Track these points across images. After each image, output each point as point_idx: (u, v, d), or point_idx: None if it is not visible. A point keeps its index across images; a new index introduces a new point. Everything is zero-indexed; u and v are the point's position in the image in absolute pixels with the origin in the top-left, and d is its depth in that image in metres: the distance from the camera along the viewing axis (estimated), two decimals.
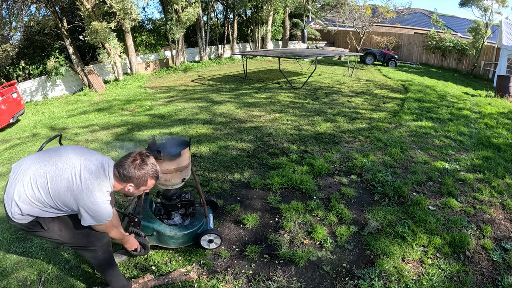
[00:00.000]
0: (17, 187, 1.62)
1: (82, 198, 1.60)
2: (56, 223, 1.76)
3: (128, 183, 1.71)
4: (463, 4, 15.05)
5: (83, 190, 1.60)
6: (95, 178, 1.64)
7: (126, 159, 1.70)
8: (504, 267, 2.30)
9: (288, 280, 2.16)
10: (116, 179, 1.71)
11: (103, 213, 1.65)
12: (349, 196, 3.17)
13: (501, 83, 8.83)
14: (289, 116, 5.89)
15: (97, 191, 1.62)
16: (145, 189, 1.79)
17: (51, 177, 1.61)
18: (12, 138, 5.95)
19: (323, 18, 20.81)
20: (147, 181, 1.74)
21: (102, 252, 1.91)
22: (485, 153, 4.27)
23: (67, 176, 1.61)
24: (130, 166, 1.67)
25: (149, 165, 1.72)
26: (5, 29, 10.10)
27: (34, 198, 1.61)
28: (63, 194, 1.61)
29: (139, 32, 14.48)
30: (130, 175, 1.68)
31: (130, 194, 1.79)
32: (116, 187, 1.74)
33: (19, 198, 1.61)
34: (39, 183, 1.61)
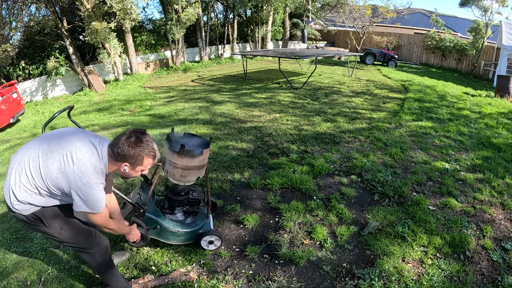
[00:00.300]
0: (12, 175, 1.59)
1: (75, 180, 1.53)
2: (57, 221, 1.73)
3: (123, 163, 1.62)
4: (463, 4, 15.05)
5: (75, 172, 1.53)
6: (88, 159, 1.56)
7: (120, 137, 1.61)
8: (504, 267, 2.30)
9: (288, 280, 2.16)
10: (111, 158, 1.63)
11: (95, 197, 1.57)
12: (349, 196, 3.17)
13: (501, 83, 8.83)
14: (289, 116, 5.89)
15: (90, 173, 1.54)
16: (142, 169, 1.69)
17: (43, 160, 1.56)
18: (12, 138, 5.95)
19: (323, 18, 20.82)
20: (143, 160, 1.64)
21: (100, 256, 1.88)
22: (485, 153, 4.27)
23: (59, 158, 1.55)
24: (124, 144, 1.58)
25: (144, 142, 1.62)
26: (5, 29, 10.10)
27: (29, 183, 1.57)
28: (55, 176, 1.54)
29: (139, 32, 14.47)
30: (124, 154, 1.58)
31: (127, 175, 1.70)
32: (111, 168, 1.66)
33: (15, 185, 1.58)
34: (32, 168, 1.56)
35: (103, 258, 1.90)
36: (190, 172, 2.14)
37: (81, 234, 1.82)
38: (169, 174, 2.20)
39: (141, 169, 1.68)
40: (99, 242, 1.87)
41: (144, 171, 1.72)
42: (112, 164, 1.64)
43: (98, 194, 1.57)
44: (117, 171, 1.68)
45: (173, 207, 2.43)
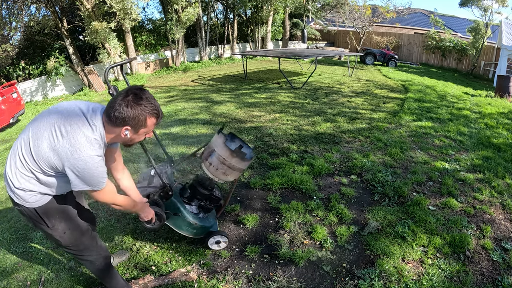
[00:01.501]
0: (7, 163, 1.51)
1: (66, 156, 1.36)
2: (61, 223, 1.64)
3: (123, 127, 1.42)
4: (463, 4, 15.06)
5: (65, 147, 1.36)
6: (78, 130, 1.39)
7: (115, 99, 1.41)
8: (504, 267, 2.30)
9: (288, 280, 2.16)
10: (108, 125, 1.44)
11: (92, 172, 1.39)
12: (349, 196, 3.17)
13: (501, 83, 8.83)
14: (289, 116, 5.89)
15: (82, 146, 1.36)
16: (146, 131, 1.51)
17: (33, 140, 1.42)
18: (12, 138, 5.95)
19: (323, 18, 20.82)
20: (146, 121, 1.44)
21: (99, 264, 1.82)
22: (485, 153, 4.27)
23: (47, 135, 1.39)
24: (122, 105, 1.38)
25: (144, 100, 1.41)
26: (5, 29, 10.10)
27: (23, 168, 1.45)
28: (46, 155, 1.39)
29: (139, 32, 14.48)
30: (123, 116, 1.39)
31: (129, 141, 1.52)
32: (109, 136, 1.48)
33: (11, 173, 1.48)
34: (24, 150, 1.44)
35: (103, 265, 1.84)
36: (232, 172, 2.13)
37: (84, 242, 1.73)
38: (210, 166, 2.13)
39: (144, 131, 1.49)
40: (100, 251, 1.81)
41: (148, 134, 1.55)
42: (110, 132, 1.46)
43: (95, 169, 1.39)
44: (117, 138, 1.50)
45: (192, 198, 2.34)
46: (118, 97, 1.41)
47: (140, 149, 4.06)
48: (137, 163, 3.95)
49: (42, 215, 1.57)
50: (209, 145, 2.19)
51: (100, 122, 1.45)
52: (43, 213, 1.57)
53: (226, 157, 2.07)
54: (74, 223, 1.69)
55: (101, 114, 1.46)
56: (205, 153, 2.19)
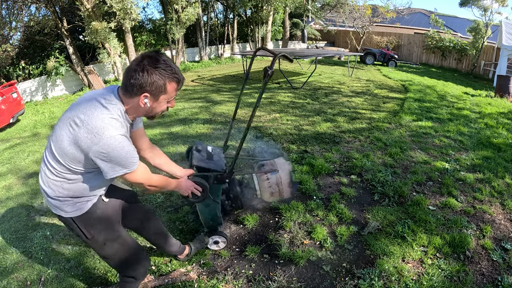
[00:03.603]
0: (40, 175, 1.47)
1: (87, 146, 1.27)
2: (101, 235, 1.55)
3: (141, 95, 1.32)
4: (463, 4, 15.06)
5: (84, 136, 1.27)
6: (92, 114, 1.29)
7: (130, 66, 1.32)
8: (504, 267, 2.30)
9: (288, 280, 2.16)
10: (126, 97, 1.35)
11: (119, 153, 1.29)
12: (349, 196, 3.17)
13: (501, 83, 8.83)
14: (289, 116, 5.89)
15: (100, 129, 1.26)
16: (167, 98, 1.39)
17: (54, 144, 1.35)
18: (12, 138, 5.95)
19: (323, 18, 20.83)
20: (166, 86, 1.33)
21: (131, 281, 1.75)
22: (485, 153, 4.27)
23: (65, 132, 1.32)
24: (137, 71, 1.28)
25: (161, 63, 1.30)
26: (5, 29, 10.10)
27: (53, 175, 1.39)
28: (70, 152, 1.31)
29: (139, 32, 14.49)
30: (140, 82, 1.29)
31: (150, 111, 1.40)
32: (130, 111, 1.38)
33: (44, 183, 1.43)
34: (49, 157, 1.38)
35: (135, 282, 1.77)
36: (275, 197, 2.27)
37: (126, 255, 1.65)
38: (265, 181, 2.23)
39: (165, 98, 1.37)
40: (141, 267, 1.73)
41: (170, 103, 1.43)
42: (129, 104, 1.36)
43: (120, 149, 1.29)
44: (137, 111, 1.39)
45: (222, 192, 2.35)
46: (132, 63, 1.31)
47: None
48: None
49: (79, 225, 1.49)
50: (273, 163, 2.29)
51: (117, 100, 1.35)
52: (81, 223, 1.49)
53: (285, 183, 2.21)
54: (114, 234, 1.60)
55: (116, 92, 1.37)
56: (266, 167, 2.26)
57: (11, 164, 4.37)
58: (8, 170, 4.13)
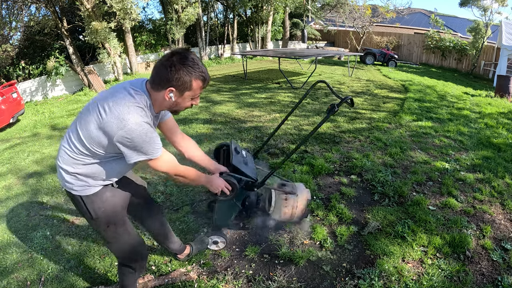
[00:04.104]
0: (58, 153, 1.52)
1: (112, 131, 1.33)
2: (107, 217, 1.59)
3: (167, 89, 1.38)
4: (463, 4, 15.06)
5: (110, 121, 1.33)
6: (121, 103, 1.35)
7: (159, 61, 1.39)
8: (504, 267, 2.30)
9: (288, 280, 2.16)
10: (152, 90, 1.42)
11: (143, 138, 1.35)
12: (349, 196, 3.17)
13: (501, 83, 8.83)
14: (289, 116, 5.89)
15: (126, 115, 1.32)
16: (192, 95, 1.44)
17: (81, 127, 1.42)
18: (12, 138, 5.95)
19: (323, 18, 20.83)
20: (192, 83, 1.38)
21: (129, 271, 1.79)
22: (485, 153, 4.27)
23: (93, 118, 1.38)
24: (166, 65, 1.35)
25: (190, 60, 1.35)
26: (5, 29, 10.11)
27: (74, 153, 1.45)
28: (96, 135, 1.37)
29: (139, 32, 14.49)
30: (167, 76, 1.35)
31: (174, 105, 1.46)
32: (155, 103, 1.44)
33: (62, 161, 1.49)
34: (74, 138, 1.45)
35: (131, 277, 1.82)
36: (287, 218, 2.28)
37: (127, 243, 1.70)
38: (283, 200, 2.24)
39: (190, 95, 1.43)
40: (140, 259, 1.78)
41: (194, 100, 1.48)
42: (155, 97, 1.42)
43: (144, 135, 1.35)
44: (162, 104, 1.45)
45: None
46: (162, 60, 1.38)
47: None
48: None
49: (87, 204, 1.54)
50: (294, 186, 2.33)
51: (143, 91, 1.42)
52: (89, 202, 1.54)
53: (299, 208, 2.25)
54: (119, 220, 1.65)
55: (144, 84, 1.44)
56: (287, 188, 2.30)
57: (11, 164, 4.37)
58: (8, 170, 4.13)
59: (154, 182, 3.48)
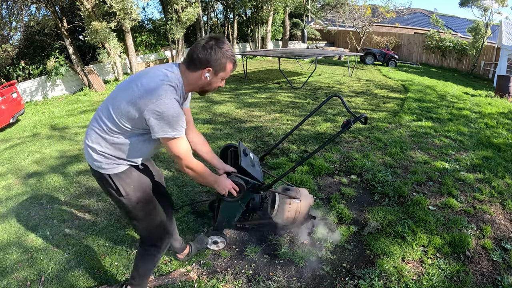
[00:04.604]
0: (87, 133, 1.58)
1: (144, 103, 1.41)
2: (136, 194, 1.63)
3: (205, 69, 1.50)
4: (463, 4, 15.06)
5: (142, 94, 1.42)
6: (155, 79, 1.46)
7: (196, 45, 1.51)
8: (504, 267, 2.30)
9: (288, 280, 2.16)
10: (188, 70, 1.53)
11: (172, 114, 1.42)
12: (349, 196, 3.17)
13: (501, 83, 8.83)
14: (289, 116, 5.89)
15: (160, 90, 1.42)
16: (223, 77, 1.58)
17: (112, 103, 1.51)
18: (12, 138, 5.95)
19: (323, 18, 20.83)
20: (226, 65, 1.53)
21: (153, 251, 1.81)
22: (485, 153, 4.27)
23: (126, 93, 1.48)
24: (206, 48, 1.48)
25: (225, 44, 1.51)
26: (5, 29, 10.11)
27: (104, 132, 1.52)
28: (126, 110, 1.45)
29: (139, 32, 14.49)
30: (207, 58, 1.48)
31: (207, 85, 1.58)
32: (188, 83, 1.55)
33: (91, 140, 1.55)
34: (104, 116, 1.52)
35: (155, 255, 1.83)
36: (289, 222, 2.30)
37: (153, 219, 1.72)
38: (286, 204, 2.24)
39: (222, 76, 1.57)
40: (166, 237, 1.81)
41: (222, 82, 1.61)
42: (190, 77, 1.53)
43: (174, 111, 1.42)
44: (195, 83, 1.56)
45: None
46: (199, 43, 1.51)
47: None
48: None
49: (116, 182, 1.59)
50: (297, 191, 2.33)
51: (177, 71, 1.53)
52: (118, 180, 1.59)
53: (302, 213, 2.27)
54: (148, 196, 1.70)
55: (177, 66, 1.56)
56: (291, 193, 2.31)
57: (11, 164, 4.37)
58: (8, 170, 4.13)
59: None
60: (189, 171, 1.62)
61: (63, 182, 3.63)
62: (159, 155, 4.17)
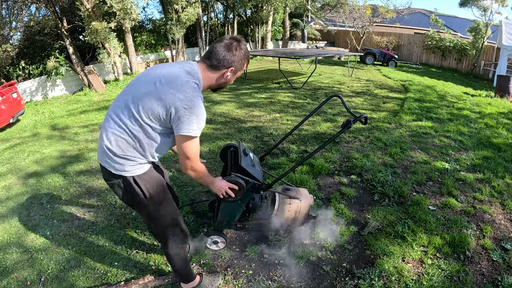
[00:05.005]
0: (103, 136, 1.54)
1: (172, 99, 1.43)
2: (159, 195, 1.66)
3: (229, 68, 1.59)
4: (462, 4, 15.06)
5: (170, 92, 1.44)
6: (180, 76, 1.48)
7: (216, 46, 1.56)
8: (504, 267, 2.30)
9: (288, 280, 2.16)
10: (209, 70, 1.58)
11: (198, 110, 1.45)
12: (349, 196, 3.17)
13: (501, 83, 8.83)
14: (289, 116, 5.89)
15: (185, 87, 1.45)
16: (239, 74, 1.72)
17: (133, 102, 1.49)
18: (12, 138, 5.95)
19: (323, 18, 20.83)
20: (243, 64, 1.65)
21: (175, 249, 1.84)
22: (485, 153, 4.27)
23: (148, 90, 1.47)
24: (231, 49, 1.55)
25: (244, 45, 1.61)
26: (5, 29, 10.11)
27: (125, 133, 1.50)
28: (149, 106, 1.45)
29: (139, 32, 14.49)
30: (232, 59, 1.56)
31: (224, 83, 1.66)
32: (207, 81, 1.60)
33: (110, 142, 1.52)
34: (124, 116, 1.50)
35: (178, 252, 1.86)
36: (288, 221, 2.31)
37: (175, 216, 1.77)
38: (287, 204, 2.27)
39: (238, 74, 1.69)
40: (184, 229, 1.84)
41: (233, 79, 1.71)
42: (210, 76, 1.59)
43: (199, 107, 1.46)
44: (213, 82, 1.63)
45: None
46: (220, 44, 1.56)
47: None
48: None
49: (140, 183, 1.59)
50: (297, 191, 2.35)
51: (197, 70, 1.56)
52: (142, 182, 1.59)
53: (302, 213, 2.29)
54: (167, 195, 1.73)
55: (196, 64, 1.59)
56: (291, 193, 2.33)
57: (11, 164, 4.37)
58: (8, 170, 4.13)
59: None
60: (191, 173, 1.63)
61: (63, 182, 3.63)
62: None
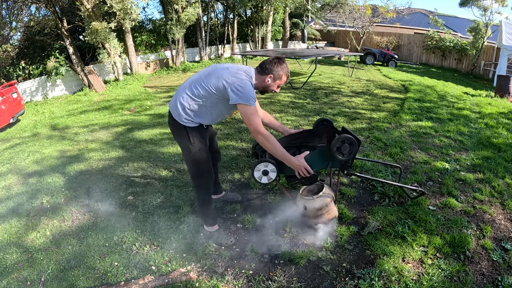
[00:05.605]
0: (179, 96, 2.18)
1: (231, 81, 2.04)
2: (199, 144, 2.23)
3: (268, 75, 2.17)
4: (462, 4, 15.05)
5: (230, 77, 2.05)
6: (239, 70, 2.11)
7: (265, 61, 2.20)
8: (504, 267, 2.30)
9: (288, 280, 2.16)
10: (258, 73, 2.19)
11: (248, 90, 2.02)
12: (349, 196, 3.17)
13: (501, 83, 8.82)
14: (289, 116, 5.89)
15: (242, 75, 2.07)
16: (279, 84, 2.22)
17: (205, 78, 2.13)
18: (12, 138, 5.95)
19: (323, 18, 20.83)
20: (282, 76, 2.19)
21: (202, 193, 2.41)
22: (485, 153, 4.27)
23: (218, 74, 2.10)
24: (272, 63, 2.17)
25: (284, 63, 2.20)
26: (5, 29, 10.11)
27: (195, 95, 2.12)
28: (215, 83, 2.07)
29: (139, 32, 14.49)
30: (271, 68, 2.16)
31: (266, 87, 2.21)
32: (256, 81, 2.18)
33: (183, 99, 2.15)
34: (194, 86, 2.14)
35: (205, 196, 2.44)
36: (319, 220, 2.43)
37: (207, 165, 2.31)
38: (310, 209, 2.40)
39: (278, 83, 2.22)
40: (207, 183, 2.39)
41: (278, 88, 2.25)
42: (258, 78, 2.19)
43: (249, 88, 2.04)
44: (259, 84, 2.20)
45: None
46: (269, 59, 2.20)
47: None
48: None
49: (189, 132, 2.20)
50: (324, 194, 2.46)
51: (253, 73, 2.17)
52: (190, 131, 2.21)
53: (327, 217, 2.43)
54: (206, 148, 2.31)
55: (253, 69, 2.21)
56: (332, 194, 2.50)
57: (11, 164, 4.37)
58: (8, 170, 4.13)
59: (154, 183, 3.48)
60: (261, 138, 2.08)
61: (63, 182, 3.63)
62: (159, 155, 4.18)
